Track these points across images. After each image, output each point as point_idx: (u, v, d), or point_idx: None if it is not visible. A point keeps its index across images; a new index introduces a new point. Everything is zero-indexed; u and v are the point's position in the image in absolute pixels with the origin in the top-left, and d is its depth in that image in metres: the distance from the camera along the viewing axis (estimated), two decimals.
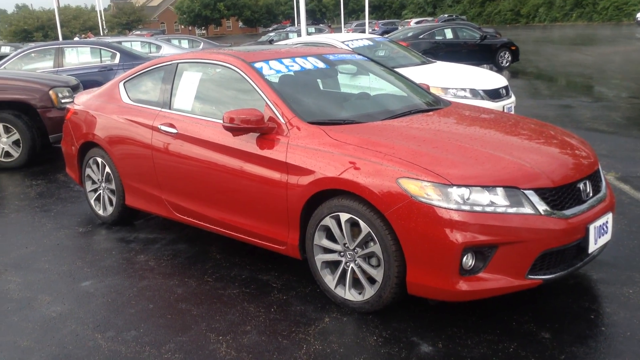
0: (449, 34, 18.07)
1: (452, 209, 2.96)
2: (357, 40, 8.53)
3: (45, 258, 4.43)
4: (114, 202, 5.00)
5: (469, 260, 2.99)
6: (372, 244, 3.25)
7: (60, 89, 7.63)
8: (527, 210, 3.02)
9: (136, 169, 4.67)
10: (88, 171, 5.21)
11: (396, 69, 5.15)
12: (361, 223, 3.24)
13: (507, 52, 18.29)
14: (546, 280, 3.10)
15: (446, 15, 53.68)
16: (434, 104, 4.31)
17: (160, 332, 3.27)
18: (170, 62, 4.60)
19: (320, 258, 3.52)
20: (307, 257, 3.61)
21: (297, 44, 8.32)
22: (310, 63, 4.30)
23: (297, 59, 4.29)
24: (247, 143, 3.78)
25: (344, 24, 45.88)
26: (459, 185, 2.99)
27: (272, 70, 4.08)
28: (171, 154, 4.29)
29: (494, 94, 7.54)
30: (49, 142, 7.54)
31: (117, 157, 4.80)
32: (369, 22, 37.43)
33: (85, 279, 4.03)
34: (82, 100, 5.37)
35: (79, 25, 71.00)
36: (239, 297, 3.65)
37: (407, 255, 3.09)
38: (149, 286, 3.87)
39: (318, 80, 4.49)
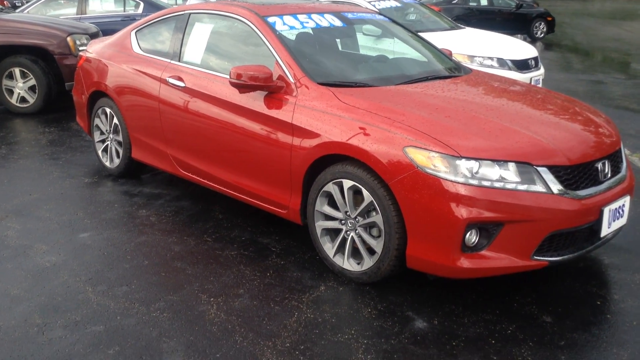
0: (483, 1, 17.50)
1: (458, 182, 2.80)
2: (384, 0, 8.22)
3: (47, 206, 4.39)
4: (121, 154, 4.93)
5: (472, 237, 2.85)
6: (374, 213, 3.12)
7: (78, 36, 7.52)
8: (539, 188, 2.85)
9: (143, 122, 4.57)
10: (97, 121, 5.13)
11: (423, 34, 4.93)
12: (364, 191, 3.10)
13: (542, 23, 17.71)
14: (552, 262, 2.95)
15: None
16: (453, 71, 4.10)
17: (151, 290, 3.21)
18: (182, 12, 4.43)
19: (320, 225, 3.40)
20: (308, 223, 3.49)
21: None
22: (327, 20, 4.10)
23: (313, 15, 4.10)
24: (255, 101, 3.64)
25: None
26: (468, 158, 2.82)
27: (286, 25, 3.89)
28: (178, 108, 4.17)
29: (522, 65, 7.24)
30: (65, 89, 7.47)
31: (125, 108, 4.70)
32: None
33: (84, 230, 3.98)
34: (95, 48, 5.25)
35: None
36: (236, 259, 3.57)
37: (408, 228, 2.95)
38: (146, 242, 3.80)
39: (334, 39, 4.30)
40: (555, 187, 2.87)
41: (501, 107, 3.40)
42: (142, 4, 11.15)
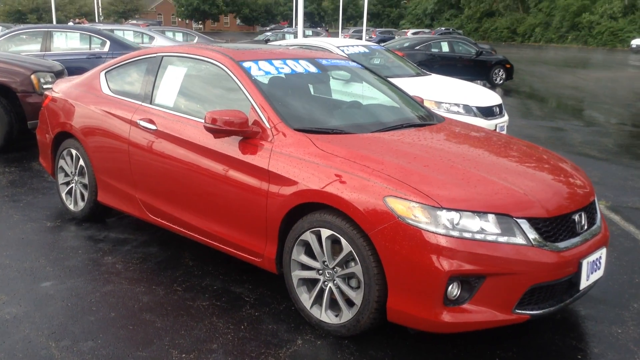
0: (445, 47, 18.00)
1: (440, 234, 2.76)
2: (353, 46, 8.34)
3: (6, 252, 4.18)
4: (86, 197, 4.76)
5: (454, 290, 2.80)
6: (353, 264, 3.05)
7: (42, 74, 7.35)
8: (519, 240, 2.83)
9: (111, 164, 4.43)
10: (61, 162, 4.96)
11: (390, 79, 4.96)
12: (343, 241, 3.04)
13: (501, 70, 18.27)
14: (534, 315, 2.92)
15: (443, 29, 53.90)
16: (427, 119, 4.12)
17: (119, 345, 3.04)
18: (155, 55, 4.37)
19: (297, 274, 3.31)
20: (284, 272, 3.40)
21: (292, 45, 8.12)
22: (302, 66, 4.09)
23: (288, 61, 4.09)
24: (229, 146, 3.57)
25: (342, 29, 45.78)
26: (449, 209, 2.80)
27: (261, 71, 3.87)
28: (148, 151, 4.06)
29: (487, 112, 7.39)
30: (27, 127, 7.25)
31: (92, 150, 4.56)
32: (367, 30, 37.34)
33: (47, 278, 3.79)
34: (61, 88, 5.13)
35: (75, 11, 70.31)
36: (208, 310, 3.43)
37: (389, 280, 2.89)
38: (113, 291, 3.63)
39: (309, 85, 4.29)
40: (535, 239, 2.86)
41: (478, 157, 3.41)
42: (108, 42, 11.04)
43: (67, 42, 11.20)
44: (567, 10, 58.08)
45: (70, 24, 30.06)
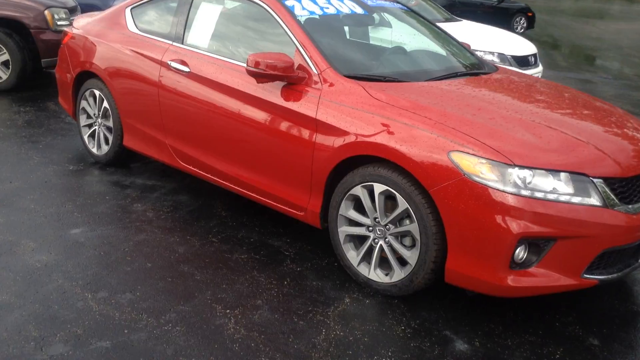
0: None
1: (510, 193, 2.55)
2: None
3: (31, 196, 4.00)
4: (110, 141, 4.54)
5: (521, 252, 2.62)
6: (407, 221, 2.86)
7: (56, 10, 6.99)
8: (594, 201, 2.63)
9: (139, 107, 4.19)
10: (83, 104, 4.72)
11: None
12: (398, 197, 2.84)
13: (523, 18, 17.69)
14: (602, 281, 2.75)
15: None
16: (480, 68, 3.85)
17: (159, 298, 2.89)
18: None
19: (344, 230, 3.13)
20: (329, 227, 3.21)
21: None
22: (347, 7, 3.79)
23: (332, 0, 3.78)
24: (271, 92, 3.33)
25: None
26: (521, 166, 2.58)
27: (305, 10, 3.58)
28: (181, 95, 3.82)
29: (522, 61, 7.07)
30: (40, 66, 6.96)
31: (118, 91, 4.31)
32: None
33: (75, 225, 3.61)
34: (82, 24, 4.82)
35: None
36: (247, 264, 3.27)
37: (449, 240, 2.70)
38: (146, 241, 3.47)
39: (356, 27, 3.99)
40: (611, 200, 2.66)
41: (546, 110, 3.17)
42: None
43: None
44: None
45: None
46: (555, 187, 2.60)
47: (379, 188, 2.91)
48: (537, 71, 7.20)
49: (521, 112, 3.02)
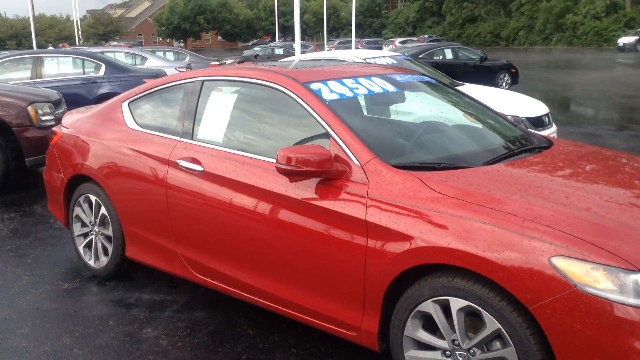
0: (448, 54, 17.42)
1: (638, 307, 2.02)
2: (379, 57, 7.63)
3: (21, 330, 3.37)
4: (110, 252, 3.97)
5: None
6: (498, 344, 2.30)
7: (40, 105, 6.54)
8: None
9: (143, 213, 3.65)
10: (77, 211, 4.17)
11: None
12: (485, 314, 2.29)
13: (506, 74, 17.69)
14: None
15: (426, 36, 53.65)
16: (531, 142, 3.38)
17: None
18: (192, 79, 3.59)
19: (413, 355, 2.55)
20: (392, 352, 2.63)
21: (316, 58, 7.39)
22: (378, 85, 3.34)
23: (361, 79, 3.34)
24: (305, 190, 2.82)
25: (327, 41, 45.17)
26: None
27: (334, 93, 3.12)
28: (194, 196, 3.30)
29: (537, 122, 6.69)
30: (24, 165, 6.43)
31: (118, 196, 3.78)
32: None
33: None
34: (72, 122, 4.34)
35: (54, 35, 69.17)
36: None
37: None
38: None
39: (390, 107, 3.54)
40: None
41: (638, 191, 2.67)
42: (103, 66, 10.27)
43: (59, 67, 10.39)
44: (550, 12, 57.98)
45: (50, 48, 29.10)
46: None
47: (457, 303, 2.36)
48: (552, 131, 6.83)
49: (614, 196, 2.53)
